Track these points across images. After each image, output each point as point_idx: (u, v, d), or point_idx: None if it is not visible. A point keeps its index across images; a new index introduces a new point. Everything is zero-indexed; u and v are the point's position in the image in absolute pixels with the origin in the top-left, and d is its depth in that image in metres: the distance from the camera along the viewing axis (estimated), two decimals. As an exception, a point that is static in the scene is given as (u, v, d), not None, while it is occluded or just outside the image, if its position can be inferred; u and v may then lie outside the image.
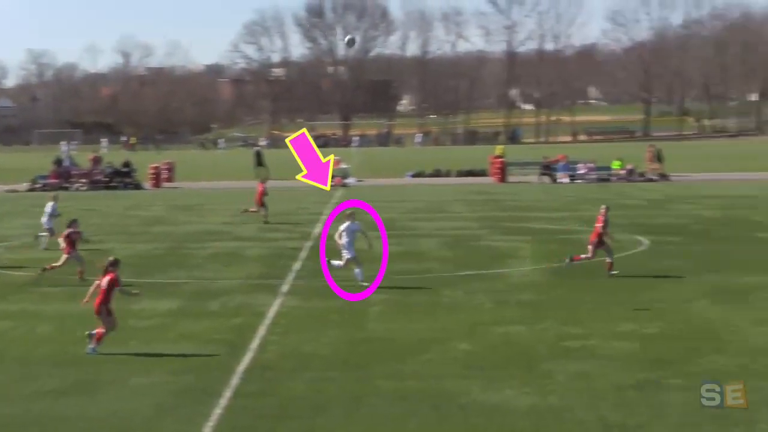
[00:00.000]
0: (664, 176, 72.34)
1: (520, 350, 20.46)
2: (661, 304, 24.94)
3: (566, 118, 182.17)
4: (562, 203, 54.79)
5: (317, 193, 63.30)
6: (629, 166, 73.13)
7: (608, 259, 29.44)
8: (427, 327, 22.78)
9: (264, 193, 46.80)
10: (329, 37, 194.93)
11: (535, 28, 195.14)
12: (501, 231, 41.90)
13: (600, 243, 29.50)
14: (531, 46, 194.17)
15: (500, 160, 76.44)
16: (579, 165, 73.70)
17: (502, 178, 73.86)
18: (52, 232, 37.45)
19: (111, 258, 21.51)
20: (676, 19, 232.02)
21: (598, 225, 29.63)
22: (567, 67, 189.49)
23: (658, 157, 75.07)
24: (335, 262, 28.77)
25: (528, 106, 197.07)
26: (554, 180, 72.06)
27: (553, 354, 20.09)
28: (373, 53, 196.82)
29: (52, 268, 30.20)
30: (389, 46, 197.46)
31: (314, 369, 19.20)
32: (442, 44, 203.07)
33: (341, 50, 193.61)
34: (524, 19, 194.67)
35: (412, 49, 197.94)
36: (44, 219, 38.41)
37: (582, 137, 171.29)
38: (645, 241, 37.28)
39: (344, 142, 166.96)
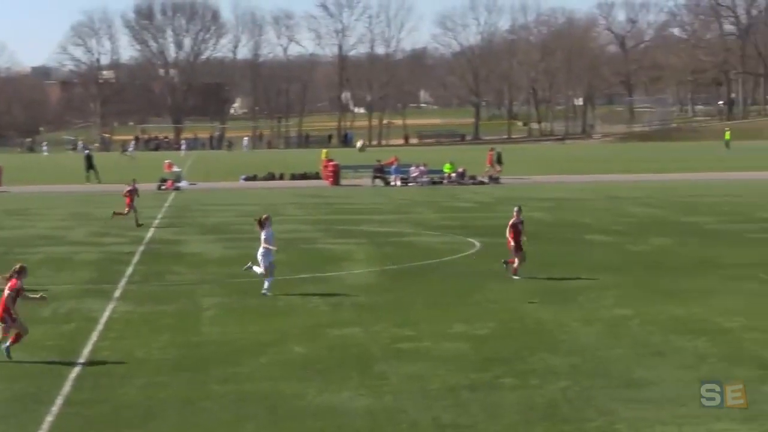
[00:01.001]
0: (494, 179, 73.37)
1: (355, 352, 20.59)
2: (493, 305, 25.37)
3: (398, 122, 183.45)
4: (395, 206, 55.19)
5: (150, 197, 62.56)
6: (460, 169, 74.00)
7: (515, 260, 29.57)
8: (263, 330, 22.77)
9: (134, 197, 46.03)
10: (159, 39, 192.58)
11: (366, 32, 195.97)
12: (335, 234, 42.05)
13: (518, 244, 29.54)
14: (362, 49, 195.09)
15: (333, 163, 76.61)
16: (411, 168, 74.23)
17: (336, 181, 74.03)
18: None
19: (18, 265, 20.95)
20: (504, 24, 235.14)
21: (518, 227, 29.64)
22: (398, 71, 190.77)
23: (498, 160, 76.68)
24: (256, 269, 27.94)
25: (360, 110, 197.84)
26: (387, 183, 72.55)
27: (387, 355, 20.27)
28: (204, 56, 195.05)
29: None
30: (221, 48, 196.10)
31: (147, 374, 19.02)
32: (274, 47, 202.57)
33: (172, 52, 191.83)
34: (355, 23, 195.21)
35: (244, 52, 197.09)
36: None
37: (414, 141, 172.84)
38: (477, 242, 37.83)
39: (176, 145, 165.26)
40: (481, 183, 72.32)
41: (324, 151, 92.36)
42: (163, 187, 69.58)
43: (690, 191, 61.69)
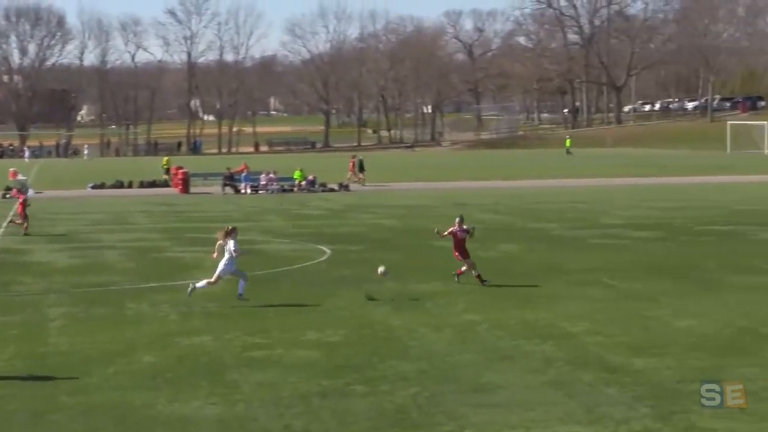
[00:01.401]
0: (344, 186, 73.67)
1: (206, 361, 20.51)
2: (344, 312, 25.48)
3: (248, 129, 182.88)
4: (245, 214, 54.97)
5: (-7, 206, 61.39)
6: (310, 177, 74.10)
7: (463, 268, 29.68)
8: (112, 339, 22.52)
9: (26, 205, 45.27)
10: (3, 45, 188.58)
11: (215, 39, 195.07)
12: (185, 242, 41.75)
13: (464, 253, 29.67)
14: (211, 56, 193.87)
15: (182, 171, 76.02)
16: (261, 175, 74.09)
17: (185, 189, 73.44)
18: None
19: None
20: (353, 32, 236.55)
21: (458, 236, 29.78)
22: (247, 78, 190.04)
23: (361, 168, 77.34)
24: (199, 284, 27.20)
25: (210, 117, 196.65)
26: (237, 191, 72.25)
27: (238, 364, 20.23)
28: (49, 62, 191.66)
29: None
30: (67, 55, 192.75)
31: (-7, 387, 18.68)
32: (122, 54, 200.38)
33: (16, 58, 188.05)
34: (203, 30, 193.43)
35: (91, 59, 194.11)
36: None
37: (264, 148, 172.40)
38: (327, 250, 37.93)
39: (21, 153, 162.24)
40: (331, 190, 72.51)
41: (165, 158, 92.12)
42: (8, 196, 68.20)
43: (536, 198, 62.78)
